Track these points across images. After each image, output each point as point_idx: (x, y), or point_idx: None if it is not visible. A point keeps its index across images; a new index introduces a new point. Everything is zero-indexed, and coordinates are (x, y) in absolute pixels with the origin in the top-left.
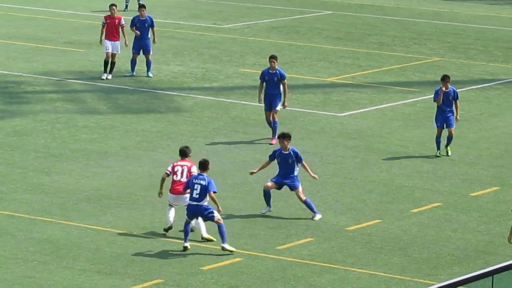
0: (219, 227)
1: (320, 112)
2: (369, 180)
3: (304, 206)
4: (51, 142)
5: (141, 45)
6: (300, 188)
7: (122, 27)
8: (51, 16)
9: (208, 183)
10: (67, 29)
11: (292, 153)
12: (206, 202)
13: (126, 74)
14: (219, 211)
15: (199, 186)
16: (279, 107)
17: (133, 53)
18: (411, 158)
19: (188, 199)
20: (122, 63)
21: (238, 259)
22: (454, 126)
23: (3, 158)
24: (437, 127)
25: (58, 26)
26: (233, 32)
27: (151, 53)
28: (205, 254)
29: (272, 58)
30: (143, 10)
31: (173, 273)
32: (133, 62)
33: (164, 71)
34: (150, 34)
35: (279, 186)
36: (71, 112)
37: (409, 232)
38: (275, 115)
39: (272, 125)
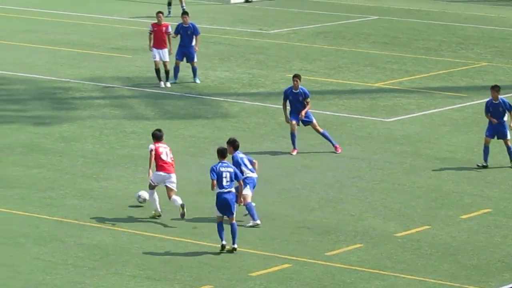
0: (232, 225)
1: (368, 117)
2: (417, 186)
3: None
4: (99, 148)
5: (184, 52)
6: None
7: (169, 35)
8: (97, 22)
9: (235, 170)
10: (114, 35)
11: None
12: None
13: (169, 81)
14: (239, 202)
15: (228, 174)
16: (314, 120)
17: (176, 59)
18: (460, 164)
19: (173, 178)
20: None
21: (286, 265)
22: (509, 137)
23: (52, 164)
24: (486, 136)
25: (104, 32)
26: (279, 38)
27: (195, 60)
28: (253, 259)
29: (295, 77)
30: (186, 17)
31: (222, 279)
32: (176, 69)
33: (210, 77)
34: (194, 42)
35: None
36: (119, 117)
37: (459, 238)
38: (317, 128)
39: (323, 134)
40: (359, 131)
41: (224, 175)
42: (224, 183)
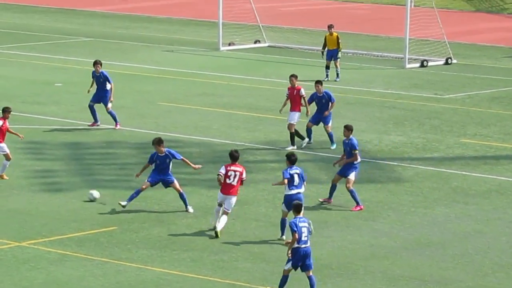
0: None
1: None
2: None
3: None
4: (272, 212)
5: (319, 118)
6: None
7: (303, 97)
8: (273, 86)
9: (302, 172)
10: None
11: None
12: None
13: (302, 143)
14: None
15: (296, 175)
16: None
17: (309, 121)
18: None
19: (233, 202)
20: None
21: None
22: None
23: (226, 228)
24: None
25: (280, 96)
26: (454, 102)
27: (329, 124)
28: None
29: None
30: (319, 86)
31: None
32: (309, 131)
33: (385, 141)
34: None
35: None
36: None
37: None
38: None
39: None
40: None
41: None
42: (294, 183)
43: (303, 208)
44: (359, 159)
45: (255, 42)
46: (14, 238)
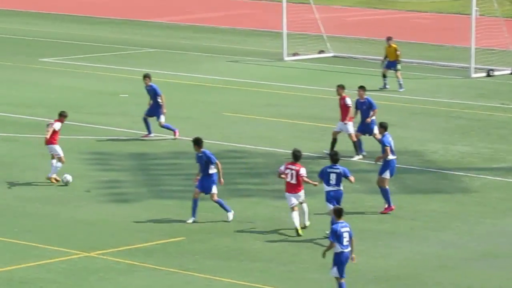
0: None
1: None
2: None
3: None
4: None
5: (364, 128)
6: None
7: (348, 107)
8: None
9: (343, 170)
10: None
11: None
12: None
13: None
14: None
15: (334, 175)
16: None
17: (356, 132)
18: None
19: (301, 196)
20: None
21: None
22: None
23: (293, 238)
24: None
25: None
26: None
27: (375, 132)
28: None
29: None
30: (360, 92)
31: None
32: (358, 143)
33: (451, 151)
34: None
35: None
36: (359, 191)
37: None
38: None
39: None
40: None
41: (330, 176)
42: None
43: (343, 213)
44: (389, 156)
45: (320, 52)
46: (82, 248)
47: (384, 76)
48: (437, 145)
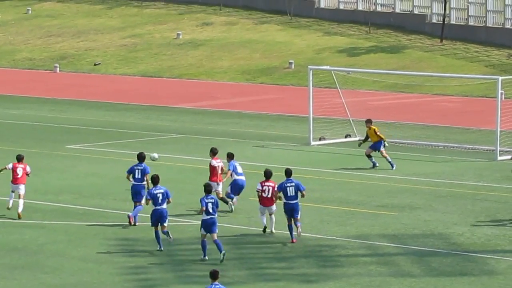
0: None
1: None
2: None
3: None
4: None
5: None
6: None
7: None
8: (364, 180)
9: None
10: (380, 192)
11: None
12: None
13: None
14: None
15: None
16: None
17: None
18: None
19: (273, 208)
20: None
21: None
22: None
23: None
24: None
25: (370, 190)
26: None
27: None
28: None
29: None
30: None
31: None
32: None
33: (477, 234)
34: None
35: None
36: (384, 275)
37: None
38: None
39: None
40: None
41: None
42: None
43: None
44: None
45: (346, 137)
46: None
47: (369, 156)
48: (463, 227)
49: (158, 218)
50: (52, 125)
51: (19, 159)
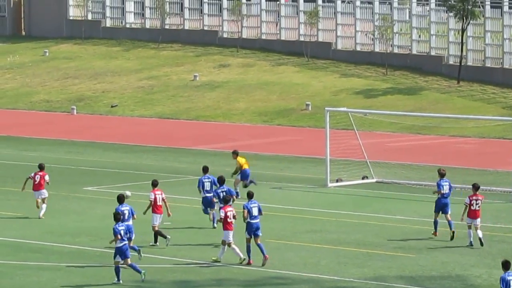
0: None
1: None
2: None
3: None
4: None
5: None
6: None
7: None
8: (381, 222)
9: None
10: (397, 234)
11: None
12: None
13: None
14: None
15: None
16: None
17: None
18: None
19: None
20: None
21: None
22: None
23: None
24: None
25: (388, 231)
26: None
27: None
28: None
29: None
30: None
31: None
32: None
33: (494, 275)
34: None
35: None
36: None
37: None
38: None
39: None
40: None
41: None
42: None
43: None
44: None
45: (363, 178)
46: None
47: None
48: (480, 269)
49: None
50: (69, 167)
51: (41, 167)
